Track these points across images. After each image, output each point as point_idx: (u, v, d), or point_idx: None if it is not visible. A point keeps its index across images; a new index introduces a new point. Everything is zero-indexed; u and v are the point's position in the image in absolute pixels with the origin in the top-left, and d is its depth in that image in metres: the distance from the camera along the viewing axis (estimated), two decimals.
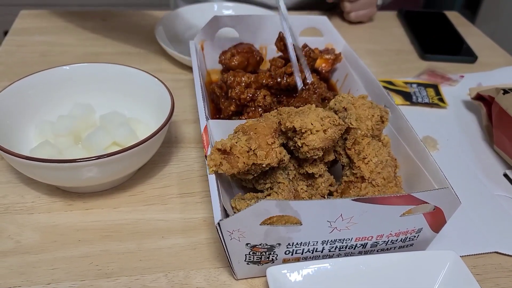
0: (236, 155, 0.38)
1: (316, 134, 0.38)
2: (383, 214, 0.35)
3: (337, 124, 0.40)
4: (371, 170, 0.41)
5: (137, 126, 0.51)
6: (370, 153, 0.41)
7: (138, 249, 0.41)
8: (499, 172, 0.53)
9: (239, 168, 0.38)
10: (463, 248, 0.43)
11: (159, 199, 0.47)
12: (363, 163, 0.41)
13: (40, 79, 0.51)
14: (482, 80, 0.69)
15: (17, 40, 0.73)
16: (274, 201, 0.33)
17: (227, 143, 0.37)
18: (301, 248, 0.37)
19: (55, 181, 0.44)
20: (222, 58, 0.57)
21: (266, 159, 0.38)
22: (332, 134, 0.39)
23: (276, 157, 0.38)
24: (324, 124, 0.39)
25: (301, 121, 0.38)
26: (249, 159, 0.38)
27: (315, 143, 0.38)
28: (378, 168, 0.41)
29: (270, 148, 0.38)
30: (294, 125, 0.38)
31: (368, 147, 0.42)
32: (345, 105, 0.43)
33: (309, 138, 0.38)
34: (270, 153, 0.38)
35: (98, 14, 0.83)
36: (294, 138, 0.40)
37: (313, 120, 0.39)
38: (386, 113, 0.44)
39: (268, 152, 0.38)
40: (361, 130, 0.42)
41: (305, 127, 0.38)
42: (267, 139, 0.39)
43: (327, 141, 0.39)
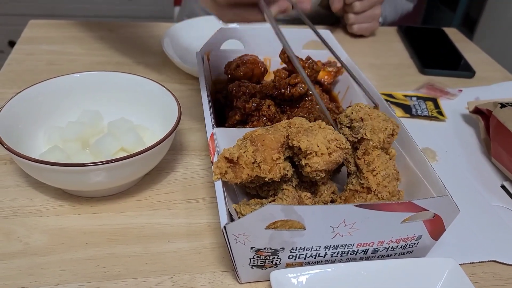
0: (242, 165, 0.39)
1: (321, 157, 0.39)
2: (384, 220, 0.36)
3: (343, 148, 0.41)
4: (378, 183, 0.42)
5: (144, 133, 0.52)
6: (379, 166, 0.42)
7: (144, 253, 0.42)
8: (496, 184, 0.54)
9: (242, 179, 0.39)
10: (461, 256, 0.44)
11: (165, 204, 0.48)
12: (372, 174, 0.42)
13: (50, 86, 0.52)
14: (480, 94, 0.71)
15: (26, 49, 0.75)
16: (280, 206, 0.34)
17: (235, 153, 0.39)
18: (304, 253, 0.38)
19: (63, 184, 0.45)
20: (227, 69, 0.58)
21: (269, 173, 0.39)
22: (336, 157, 0.40)
23: (279, 172, 0.40)
24: (330, 147, 0.40)
25: (307, 142, 0.39)
26: (253, 171, 0.39)
27: (319, 165, 0.39)
28: (385, 182, 0.42)
29: (274, 163, 0.40)
30: (300, 146, 0.39)
31: (378, 160, 0.43)
32: (362, 115, 0.44)
33: (313, 160, 0.39)
34: (274, 169, 0.39)
35: (105, 25, 0.85)
36: (299, 155, 0.41)
37: (319, 142, 0.40)
38: (397, 127, 0.45)
39: (272, 167, 0.39)
40: (373, 142, 0.43)
41: (311, 148, 0.39)
42: (272, 153, 0.40)
43: (331, 164, 0.40)
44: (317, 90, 0.57)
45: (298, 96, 0.55)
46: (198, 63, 0.57)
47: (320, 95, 0.57)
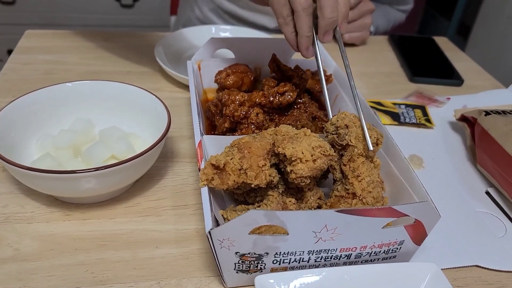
0: (228, 172, 0.40)
1: (305, 164, 0.40)
2: (365, 225, 0.37)
3: (327, 155, 0.42)
4: (363, 188, 0.43)
5: (135, 141, 0.53)
6: (363, 172, 0.43)
7: (133, 258, 0.43)
8: (481, 190, 0.55)
9: (229, 185, 0.40)
10: (445, 261, 0.45)
11: (154, 210, 0.48)
12: (357, 180, 0.43)
13: (43, 95, 0.53)
14: (468, 102, 0.72)
15: (22, 58, 0.76)
16: (263, 211, 0.35)
17: (221, 159, 0.40)
18: (288, 258, 0.39)
19: (54, 191, 0.46)
20: (218, 78, 0.60)
21: (255, 180, 0.40)
22: (321, 164, 0.41)
23: (265, 179, 0.41)
24: (314, 154, 0.41)
25: (292, 149, 0.40)
26: (240, 178, 0.40)
27: (303, 172, 0.40)
28: (370, 187, 0.43)
29: (260, 170, 0.41)
30: (285, 153, 0.41)
31: (363, 166, 0.44)
32: (347, 122, 0.45)
33: (298, 166, 0.40)
34: (260, 175, 0.40)
35: (101, 34, 0.86)
36: (285, 162, 0.42)
37: (304, 149, 0.41)
38: (381, 136, 0.46)
39: (258, 173, 0.40)
40: (358, 149, 0.44)
41: (296, 155, 0.40)
42: (258, 161, 0.41)
43: (315, 170, 0.41)
44: (305, 98, 0.58)
45: (286, 104, 0.56)
46: (189, 72, 0.58)
47: (309, 103, 0.58)
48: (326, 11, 0.48)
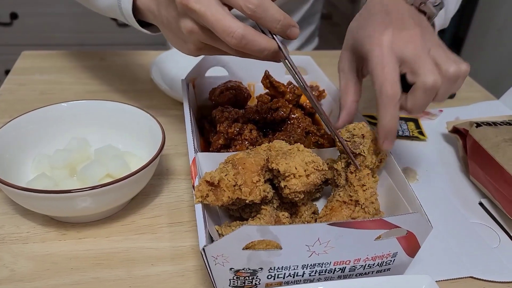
0: (223, 188, 0.40)
1: (299, 179, 0.41)
2: (358, 238, 0.37)
3: (320, 170, 0.43)
4: (366, 198, 0.44)
5: (130, 159, 0.54)
6: (368, 183, 0.44)
7: (128, 276, 0.43)
8: (475, 201, 0.56)
9: (223, 201, 0.40)
10: (439, 273, 0.45)
11: (150, 228, 0.49)
12: (362, 189, 0.44)
13: (39, 115, 0.54)
14: (460, 114, 0.73)
15: (18, 79, 0.77)
16: (255, 226, 0.35)
17: (215, 176, 0.40)
18: (282, 273, 0.39)
19: (50, 211, 0.46)
20: (212, 95, 0.60)
21: (249, 195, 0.41)
22: (314, 179, 0.42)
23: (259, 194, 0.41)
24: (308, 169, 0.42)
25: (285, 165, 0.41)
26: (234, 194, 0.41)
27: (297, 187, 0.41)
28: (373, 198, 0.44)
29: (254, 186, 0.41)
30: (279, 168, 0.41)
31: (368, 177, 0.45)
32: (364, 133, 0.46)
33: (292, 182, 0.41)
34: (254, 191, 0.41)
35: (96, 54, 0.87)
36: (279, 178, 0.43)
37: (297, 164, 0.42)
38: (385, 156, 0.47)
39: (252, 189, 0.41)
40: (367, 161, 0.45)
41: (289, 171, 0.41)
42: (253, 176, 0.42)
43: (309, 185, 0.42)
44: (298, 113, 0.59)
45: (280, 120, 0.57)
46: (183, 90, 0.59)
47: (302, 119, 0.59)
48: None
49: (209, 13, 0.39)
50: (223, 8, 0.40)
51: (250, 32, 0.40)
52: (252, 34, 0.40)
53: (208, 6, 0.40)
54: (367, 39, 0.45)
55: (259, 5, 0.39)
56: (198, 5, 0.40)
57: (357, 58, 0.49)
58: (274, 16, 0.40)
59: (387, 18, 0.45)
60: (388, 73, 0.43)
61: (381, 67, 0.43)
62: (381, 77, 0.43)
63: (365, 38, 0.45)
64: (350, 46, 0.49)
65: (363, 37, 0.46)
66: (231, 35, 0.39)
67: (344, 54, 0.50)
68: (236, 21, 0.40)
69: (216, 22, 0.39)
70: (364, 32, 0.46)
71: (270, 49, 0.42)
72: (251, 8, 0.39)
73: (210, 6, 0.40)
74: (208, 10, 0.39)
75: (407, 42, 0.43)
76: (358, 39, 0.47)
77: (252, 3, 0.39)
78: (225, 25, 0.39)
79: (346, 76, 0.50)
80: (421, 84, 0.43)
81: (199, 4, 0.40)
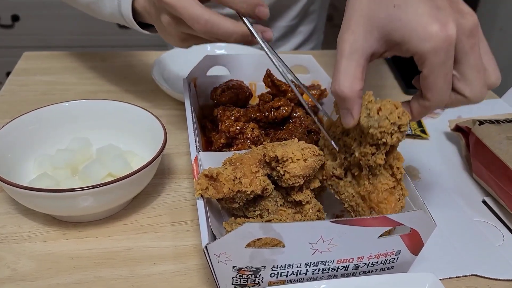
0: (222, 181, 0.40)
1: (297, 163, 0.41)
2: (361, 236, 0.37)
3: (317, 155, 0.43)
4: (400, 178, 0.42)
5: (132, 159, 0.54)
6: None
7: (131, 275, 0.43)
8: (478, 199, 0.55)
9: (224, 193, 0.40)
10: (443, 271, 0.45)
11: (152, 227, 0.48)
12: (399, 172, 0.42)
13: (40, 115, 0.54)
14: (462, 113, 0.73)
15: (20, 80, 0.77)
16: (258, 223, 0.35)
17: (213, 170, 0.40)
18: (285, 271, 0.39)
19: (52, 210, 0.46)
20: (213, 94, 0.60)
21: (250, 186, 0.40)
22: (312, 163, 0.42)
23: (260, 184, 0.41)
24: (305, 154, 0.42)
25: (282, 151, 0.41)
26: (234, 186, 0.40)
27: (296, 170, 0.41)
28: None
29: (254, 176, 0.41)
30: (277, 154, 0.41)
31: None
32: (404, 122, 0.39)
33: (290, 166, 0.41)
34: (254, 181, 0.41)
35: (98, 55, 0.87)
36: (277, 167, 0.42)
37: (294, 150, 0.42)
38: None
39: (252, 180, 0.41)
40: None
41: (287, 155, 0.41)
42: (252, 168, 0.42)
43: (307, 169, 0.42)
44: (300, 112, 0.59)
45: (282, 119, 0.57)
46: (184, 89, 0.59)
47: (304, 117, 0.58)
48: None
49: (179, 4, 0.44)
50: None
51: (215, 17, 0.44)
52: (217, 19, 0.44)
53: None
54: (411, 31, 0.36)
55: None
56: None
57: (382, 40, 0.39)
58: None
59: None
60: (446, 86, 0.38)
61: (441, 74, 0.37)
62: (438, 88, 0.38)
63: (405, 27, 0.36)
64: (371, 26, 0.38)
65: (399, 22, 0.37)
66: (197, 21, 0.44)
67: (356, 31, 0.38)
68: (203, 9, 0.44)
69: (184, 10, 0.44)
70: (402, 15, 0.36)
71: (238, 32, 0.45)
72: None
73: None
74: (177, 1, 0.44)
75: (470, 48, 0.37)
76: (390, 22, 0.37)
77: None
78: (191, 13, 0.44)
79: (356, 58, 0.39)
80: (468, 100, 0.39)
81: None
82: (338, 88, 0.39)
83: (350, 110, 0.39)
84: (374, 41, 0.38)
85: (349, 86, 0.38)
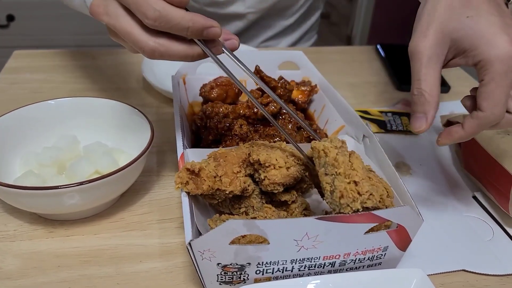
0: (203, 177, 0.40)
1: (279, 170, 0.41)
2: (347, 232, 0.37)
3: (301, 164, 0.42)
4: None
5: (119, 156, 0.53)
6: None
7: (116, 273, 0.42)
8: (468, 194, 0.55)
9: (203, 189, 0.40)
10: (432, 267, 0.45)
11: (139, 225, 0.48)
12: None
13: (27, 113, 0.53)
14: (455, 108, 0.72)
15: (10, 78, 0.77)
16: (242, 220, 0.35)
17: (196, 165, 0.40)
18: (271, 268, 0.38)
19: (37, 208, 0.45)
20: (202, 91, 0.60)
21: (229, 186, 0.40)
22: (294, 172, 0.42)
23: (239, 185, 0.41)
24: (288, 162, 0.41)
25: (266, 155, 0.41)
26: (215, 184, 0.40)
27: (276, 178, 0.41)
28: None
29: (235, 176, 0.41)
30: (260, 158, 0.41)
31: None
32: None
33: (271, 172, 0.41)
34: (234, 181, 0.41)
35: (88, 53, 0.87)
36: (259, 170, 0.42)
37: (278, 156, 0.41)
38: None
39: (232, 180, 0.41)
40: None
41: (269, 161, 0.41)
42: (233, 168, 0.41)
43: (288, 178, 0.41)
44: (291, 108, 0.58)
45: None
46: (173, 86, 0.58)
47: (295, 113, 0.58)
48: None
49: (118, 26, 0.37)
50: (132, 18, 0.37)
51: (163, 43, 0.37)
52: (165, 45, 0.37)
53: (116, 18, 0.37)
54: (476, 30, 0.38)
55: (157, 19, 0.35)
56: (107, 18, 0.38)
57: (452, 48, 0.41)
58: (180, 25, 0.36)
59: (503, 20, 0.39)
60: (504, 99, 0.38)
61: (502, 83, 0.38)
62: (496, 98, 0.38)
63: (469, 25, 0.39)
64: (440, 25, 0.40)
65: (471, 31, 0.39)
66: (142, 49, 0.37)
67: (428, 32, 0.40)
68: (144, 35, 0.37)
69: (127, 36, 0.37)
70: (473, 25, 0.39)
71: (192, 54, 0.39)
72: (150, 24, 0.36)
73: (118, 17, 0.37)
74: (116, 22, 0.37)
75: None
76: (457, 22, 0.40)
77: (150, 18, 0.35)
78: (135, 40, 0.37)
79: (433, 65, 0.40)
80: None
81: (108, 17, 0.37)
82: (419, 92, 0.40)
83: (426, 113, 0.40)
84: (446, 48, 0.40)
85: (429, 91, 0.40)
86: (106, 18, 0.38)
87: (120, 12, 0.37)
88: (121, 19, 0.37)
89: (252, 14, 0.92)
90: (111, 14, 0.37)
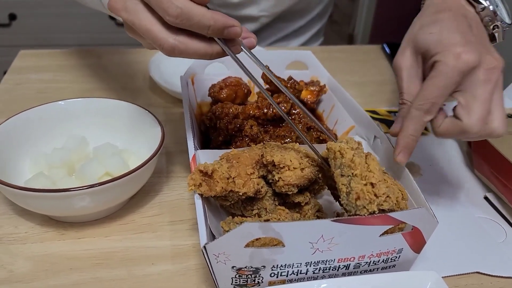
0: (216, 179, 0.39)
1: (293, 171, 0.40)
2: (362, 234, 0.37)
3: (315, 165, 0.42)
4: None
5: (129, 157, 0.53)
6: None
7: (128, 276, 0.42)
8: (480, 195, 0.55)
9: (216, 191, 0.39)
10: (445, 269, 0.44)
11: (150, 227, 0.48)
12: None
13: (36, 114, 0.53)
14: None
15: (15, 78, 0.76)
16: (257, 223, 0.34)
17: (209, 166, 0.39)
18: (285, 270, 0.38)
19: (48, 211, 0.45)
20: (211, 91, 0.60)
21: (243, 188, 0.40)
22: (309, 173, 0.41)
23: (253, 187, 0.40)
24: (303, 163, 0.41)
25: (280, 156, 0.40)
26: (228, 185, 0.40)
27: (291, 179, 0.40)
28: None
29: (248, 178, 0.40)
30: (274, 159, 0.40)
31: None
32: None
33: (286, 173, 0.40)
34: (248, 183, 0.40)
35: (94, 52, 0.86)
36: (273, 171, 0.42)
37: (292, 157, 0.41)
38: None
39: (246, 181, 0.40)
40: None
41: (284, 162, 0.40)
42: (247, 169, 0.41)
43: (303, 179, 0.41)
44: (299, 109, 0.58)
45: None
46: (182, 86, 0.58)
47: (303, 114, 0.58)
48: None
49: (137, 22, 0.37)
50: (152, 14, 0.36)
51: (182, 41, 0.36)
52: (184, 43, 0.37)
53: (135, 14, 0.37)
54: (436, 43, 0.42)
55: (179, 16, 0.35)
56: (125, 14, 0.37)
57: (421, 56, 0.45)
58: (201, 23, 0.35)
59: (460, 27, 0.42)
60: (443, 91, 0.42)
61: (441, 81, 0.41)
62: (434, 92, 0.42)
63: (431, 40, 0.43)
64: (412, 42, 0.45)
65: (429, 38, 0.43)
66: (161, 46, 0.37)
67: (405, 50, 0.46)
68: (164, 32, 0.36)
69: (146, 33, 0.37)
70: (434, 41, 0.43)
71: (211, 52, 0.39)
72: (172, 21, 0.35)
73: (138, 13, 0.36)
74: (135, 19, 0.37)
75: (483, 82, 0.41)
76: (423, 38, 0.44)
77: (171, 15, 0.35)
78: (154, 37, 0.36)
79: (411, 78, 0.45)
80: (463, 126, 0.42)
81: (127, 13, 0.37)
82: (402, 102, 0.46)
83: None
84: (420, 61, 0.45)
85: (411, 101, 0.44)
86: (125, 14, 0.37)
87: (140, 8, 0.36)
88: (140, 15, 0.36)
89: (265, 18, 0.92)
90: (130, 10, 0.37)
